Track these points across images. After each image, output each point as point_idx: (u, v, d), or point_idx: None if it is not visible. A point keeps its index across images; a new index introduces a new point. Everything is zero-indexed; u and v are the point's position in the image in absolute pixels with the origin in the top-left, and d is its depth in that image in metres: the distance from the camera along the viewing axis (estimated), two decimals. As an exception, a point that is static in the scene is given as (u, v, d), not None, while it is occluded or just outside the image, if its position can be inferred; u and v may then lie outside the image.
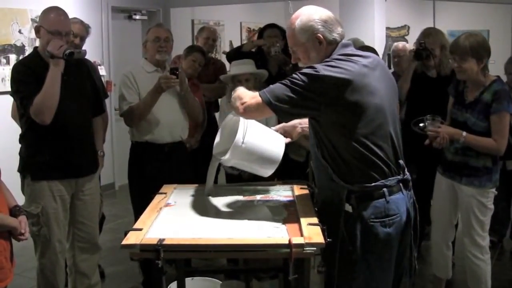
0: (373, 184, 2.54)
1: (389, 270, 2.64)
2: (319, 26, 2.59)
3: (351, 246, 2.55)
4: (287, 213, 2.77)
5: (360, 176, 2.54)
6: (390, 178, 2.57)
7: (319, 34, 2.58)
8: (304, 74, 2.48)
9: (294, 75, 2.51)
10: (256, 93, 2.58)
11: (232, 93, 2.73)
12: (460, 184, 3.74)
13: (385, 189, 2.55)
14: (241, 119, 2.79)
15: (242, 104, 2.60)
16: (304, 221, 2.56)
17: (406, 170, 2.66)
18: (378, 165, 2.55)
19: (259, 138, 2.84)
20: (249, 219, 2.70)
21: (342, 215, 2.55)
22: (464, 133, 3.59)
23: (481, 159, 3.65)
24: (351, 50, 2.63)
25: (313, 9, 2.65)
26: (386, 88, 2.60)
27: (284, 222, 2.63)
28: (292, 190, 3.14)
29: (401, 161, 2.65)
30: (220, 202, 3.00)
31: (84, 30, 4.50)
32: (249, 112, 2.61)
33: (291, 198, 3.03)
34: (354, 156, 2.53)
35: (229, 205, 2.95)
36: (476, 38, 3.58)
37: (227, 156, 2.79)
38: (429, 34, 4.56)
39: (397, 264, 2.68)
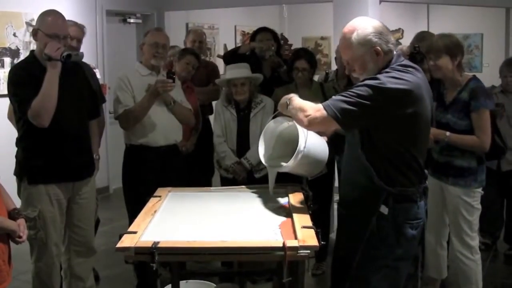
0: (410, 188, 2.65)
1: (405, 269, 2.76)
2: (376, 39, 2.62)
3: (379, 244, 2.63)
4: (281, 216, 2.78)
5: (402, 180, 2.64)
6: (420, 185, 2.71)
7: (377, 47, 2.61)
8: (370, 86, 2.52)
9: (358, 88, 2.54)
10: (320, 106, 2.60)
11: (287, 102, 2.75)
12: (446, 185, 3.79)
13: (417, 194, 2.68)
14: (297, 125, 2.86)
15: (306, 116, 2.62)
16: (298, 224, 2.58)
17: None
18: (418, 172, 2.69)
19: (313, 141, 2.92)
20: (243, 222, 2.71)
21: (375, 215, 2.62)
22: (448, 133, 3.66)
23: (466, 159, 3.69)
24: (404, 60, 2.69)
25: (367, 21, 2.68)
26: (428, 100, 2.69)
27: (279, 225, 2.64)
28: (287, 193, 3.15)
29: (426, 170, 2.79)
30: (215, 205, 3.01)
31: (80, 31, 4.47)
32: (314, 124, 2.65)
33: (285, 201, 3.03)
34: (403, 163, 2.63)
35: (223, 208, 2.96)
36: (450, 38, 3.69)
37: (290, 163, 2.84)
38: (423, 37, 4.59)
39: None
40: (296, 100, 2.73)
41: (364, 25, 2.64)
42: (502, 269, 5.01)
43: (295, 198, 3.04)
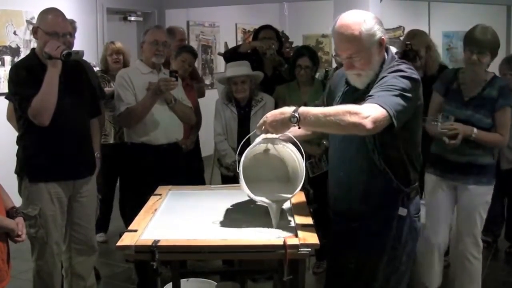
0: (416, 184, 2.67)
1: (411, 260, 2.77)
2: (381, 28, 2.55)
3: (397, 244, 2.61)
4: (282, 214, 2.77)
5: (413, 177, 2.63)
6: None
7: (383, 37, 2.54)
8: (405, 77, 2.44)
9: (393, 80, 2.42)
10: (373, 105, 2.33)
11: (297, 115, 2.36)
12: (466, 185, 3.70)
13: (418, 188, 2.72)
14: (290, 148, 2.63)
15: (366, 118, 2.27)
16: (299, 222, 2.57)
17: None
18: (420, 165, 2.69)
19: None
20: (244, 220, 2.70)
21: (396, 219, 2.59)
22: (475, 129, 3.56)
23: (487, 156, 3.68)
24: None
25: (365, 12, 2.60)
26: None
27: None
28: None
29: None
30: (215, 203, 3.00)
31: (70, 26, 4.43)
32: (379, 126, 2.32)
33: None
34: (416, 158, 2.62)
35: (224, 206, 2.95)
36: (496, 37, 3.62)
37: (298, 189, 2.66)
38: (414, 35, 4.57)
39: None
40: (313, 108, 2.41)
41: (366, 15, 2.55)
42: (503, 267, 5.02)
43: (296, 197, 3.02)
